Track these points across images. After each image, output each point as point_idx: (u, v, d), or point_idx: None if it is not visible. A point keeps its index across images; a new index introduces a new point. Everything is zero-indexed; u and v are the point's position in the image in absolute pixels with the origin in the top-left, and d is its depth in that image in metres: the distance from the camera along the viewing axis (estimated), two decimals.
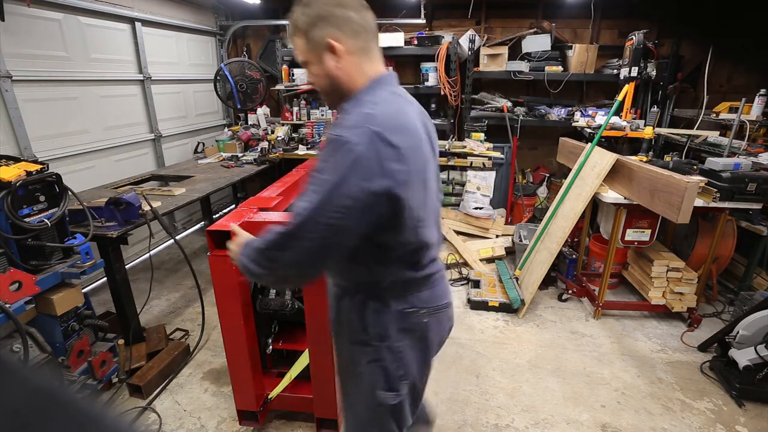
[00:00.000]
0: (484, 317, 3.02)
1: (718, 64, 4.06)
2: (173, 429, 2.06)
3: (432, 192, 1.11)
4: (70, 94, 3.03)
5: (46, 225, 1.76)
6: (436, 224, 1.18)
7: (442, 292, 1.19)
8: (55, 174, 1.84)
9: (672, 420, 2.13)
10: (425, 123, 1.10)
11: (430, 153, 1.10)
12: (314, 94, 4.92)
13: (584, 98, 4.67)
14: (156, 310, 3.08)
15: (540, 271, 3.00)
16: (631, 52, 3.62)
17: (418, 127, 1.02)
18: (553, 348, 2.69)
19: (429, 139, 1.10)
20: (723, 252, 3.02)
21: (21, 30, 2.65)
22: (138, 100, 3.73)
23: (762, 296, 2.52)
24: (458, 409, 2.19)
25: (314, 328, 1.74)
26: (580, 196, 2.92)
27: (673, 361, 2.57)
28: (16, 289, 1.61)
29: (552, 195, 4.48)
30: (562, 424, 2.10)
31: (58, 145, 2.94)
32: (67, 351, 1.87)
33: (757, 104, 3.21)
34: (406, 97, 1.08)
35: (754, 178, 2.46)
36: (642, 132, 3.46)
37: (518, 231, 3.71)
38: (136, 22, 3.59)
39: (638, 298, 3.18)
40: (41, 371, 1.62)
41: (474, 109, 4.45)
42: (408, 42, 4.42)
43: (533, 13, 4.56)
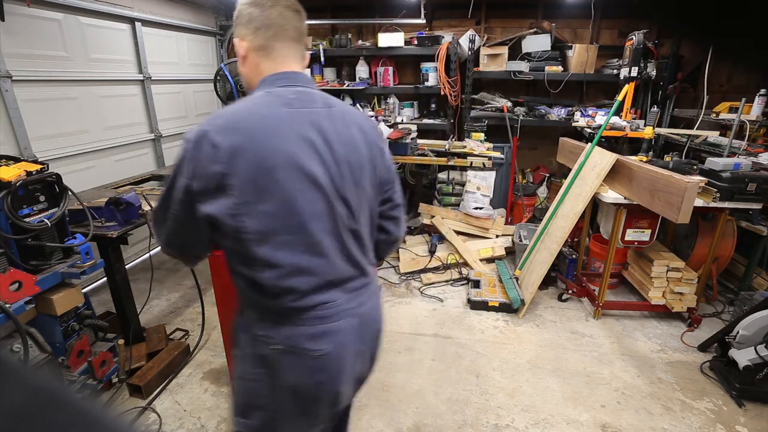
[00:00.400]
0: (484, 317, 3.02)
1: (718, 64, 4.06)
2: (173, 429, 2.06)
3: (303, 205, 0.93)
4: (70, 94, 3.03)
5: (46, 225, 1.76)
6: (314, 248, 0.95)
7: (317, 336, 0.98)
8: (55, 174, 1.83)
9: (672, 420, 2.13)
10: (320, 127, 0.96)
11: (300, 160, 0.92)
12: None
13: (584, 98, 4.67)
14: (156, 310, 3.08)
15: (540, 271, 3.00)
16: (631, 52, 3.62)
17: (274, 129, 0.92)
18: (553, 348, 2.69)
19: (312, 144, 0.94)
20: (723, 252, 3.02)
21: (21, 30, 2.65)
22: (138, 100, 3.73)
23: (762, 296, 2.52)
24: (458, 409, 2.19)
25: None
26: (580, 196, 2.92)
27: (673, 361, 2.57)
28: (16, 289, 1.60)
29: (552, 195, 4.48)
30: (562, 424, 2.10)
31: (58, 145, 2.94)
32: (67, 351, 1.87)
33: (757, 104, 3.21)
34: (287, 96, 0.96)
35: (754, 178, 2.46)
36: (642, 132, 3.46)
37: (518, 231, 3.71)
38: (136, 22, 3.58)
39: (638, 298, 3.18)
40: (41, 371, 1.63)
41: (474, 109, 4.45)
42: (408, 42, 4.43)
43: (533, 13, 4.55)
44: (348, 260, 1.03)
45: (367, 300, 1.09)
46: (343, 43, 4.61)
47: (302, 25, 1.04)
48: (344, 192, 0.99)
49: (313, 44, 4.74)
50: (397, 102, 4.70)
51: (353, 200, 1.01)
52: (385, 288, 3.41)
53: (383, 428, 2.08)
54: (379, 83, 4.72)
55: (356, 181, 1.01)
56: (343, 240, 1.00)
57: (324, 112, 0.99)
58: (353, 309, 1.04)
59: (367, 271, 1.09)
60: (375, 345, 1.17)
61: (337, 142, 0.98)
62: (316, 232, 0.95)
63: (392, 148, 3.66)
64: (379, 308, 1.16)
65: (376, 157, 1.06)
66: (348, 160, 0.99)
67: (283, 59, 1.01)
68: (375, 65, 4.71)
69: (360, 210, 1.04)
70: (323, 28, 4.99)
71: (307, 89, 1.01)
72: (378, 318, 1.16)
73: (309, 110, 0.97)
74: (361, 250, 1.07)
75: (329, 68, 4.86)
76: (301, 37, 1.05)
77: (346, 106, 1.06)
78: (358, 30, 4.96)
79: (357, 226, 1.04)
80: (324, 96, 1.03)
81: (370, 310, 1.10)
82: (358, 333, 1.05)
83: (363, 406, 2.20)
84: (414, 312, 3.09)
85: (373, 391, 2.30)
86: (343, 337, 1.02)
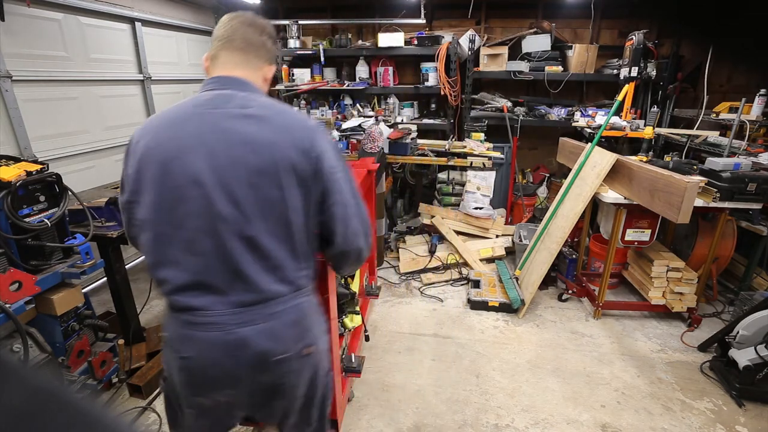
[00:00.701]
0: (484, 317, 3.02)
1: (718, 64, 4.06)
2: None
3: (181, 201, 0.96)
4: (70, 94, 3.03)
5: (46, 225, 1.76)
6: (188, 246, 0.98)
7: (184, 339, 1.02)
8: (55, 174, 1.83)
9: (672, 420, 2.13)
10: (221, 128, 0.98)
11: (206, 151, 0.96)
12: (314, 94, 4.93)
13: (584, 98, 4.67)
14: (156, 310, 3.08)
15: (540, 271, 3.00)
16: (631, 52, 3.62)
17: (173, 127, 0.99)
18: (553, 348, 2.69)
19: (205, 143, 0.97)
20: (723, 252, 3.02)
21: (21, 30, 2.65)
22: (138, 100, 3.73)
23: (762, 296, 2.52)
24: (458, 409, 2.19)
25: None
26: (580, 196, 2.92)
27: (673, 361, 2.57)
28: (16, 289, 1.60)
29: (552, 195, 4.48)
30: (562, 424, 2.10)
31: (58, 145, 2.94)
32: (67, 351, 1.87)
33: (757, 104, 3.21)
34: (203, 98, 1.02)
35: (754, 178, 2.46)
36: (642, 132, 3.47)
37: (518, 231, 3.71)
38: (136, 22, 3.58)
39: (638, 298, 3.18)
40: (41, 371, 1.62)
41: (474, 109, 4.45)
42: (408, 42, 4.43)
43: (533, 13, 4.56)
44: (231, 269, 0.98)
45: (259, 321, 1.01)
46: (343, 43, 4.61)
47: (254, 36, 1.09)
48: (233, 194, 0.96)
49: (313, 44, 4.74)
50: (397, 102, 4.70)
51: (246, 204, 0.97)
52: (385, 288, 3.41)
53: (383, 428, 2.08)
54: (379, 83, 4.72)
55: (254, 184, 0.97)
56: (224, 244, 0.97)
57: (235, 112, 0.99)
58: (231, 326, 0.99)
59: (265, 288, 1.00)
60: (260, 375, 1.05)
61: (238, 142, 0.97)
62: (191, 230, 0.97)
63: (392, 148, 3.66)
64: (276, 334, 1.03)
65: (299, 163, 0.99)
66: (246, 161, 0.96)
67: (223, 65, 1.08)
68: (375, 65, 4.71)
69: (260, 217, 0.98)
70: (323, 28, 4.99)
71: (230, 92, 1.03)
72: (269, 346, 1.02)
73: (218, 111, 1.00)
74: (260, 263, 1.00)
75: (329, 68, 4.86)
76: (249, 46, 1.09)
77: (271, 109, 1.03)
78: (358, 30, 4.96)
79: (252, 233, 0.98)
80: (248, 99, 1.03)
81: (257, 333, 1.01)
82: (228, 353, 1.01)
83: (363, 406, 2.21)
84: (414, 312, 3.09)
85: (373, 391, 2.30)
86: (207, 351, 1.01)
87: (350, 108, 4.66)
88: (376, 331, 2.84)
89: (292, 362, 1.07)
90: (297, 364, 1.09)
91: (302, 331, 1.09)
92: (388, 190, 4.20)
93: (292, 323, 1.06)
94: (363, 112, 4.54)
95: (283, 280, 1.03)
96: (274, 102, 1.07)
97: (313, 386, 1.16)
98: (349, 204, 1.08)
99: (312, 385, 1.16)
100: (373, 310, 3.09)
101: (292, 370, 1.08)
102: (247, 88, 1.07)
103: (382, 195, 3.38)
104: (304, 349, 1.09)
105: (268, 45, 1.13)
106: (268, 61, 1.14)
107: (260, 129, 0.98)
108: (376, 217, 2.96)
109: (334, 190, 1.05)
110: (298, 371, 1.10)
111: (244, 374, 1.04)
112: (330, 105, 4.85)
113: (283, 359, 1.05)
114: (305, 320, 1.10)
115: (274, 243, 1.01)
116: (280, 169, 0.98)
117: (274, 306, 1.03)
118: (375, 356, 2.59)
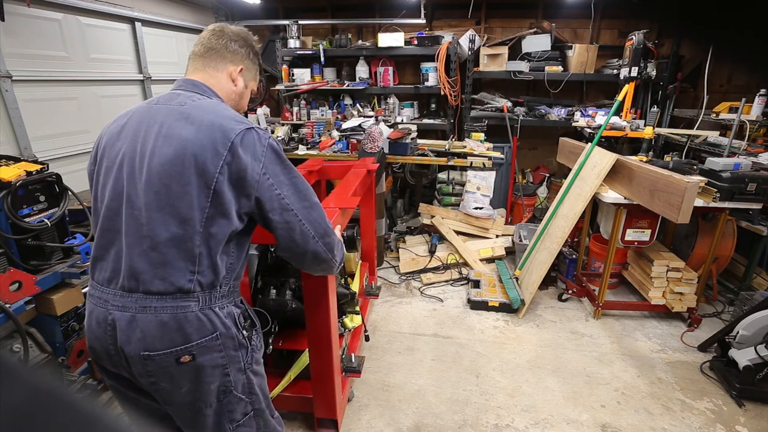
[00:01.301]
0: (484, 317, 3.02)
1: (718, 64, 4.06)
2: None
3: (106, 181, 1.06)
4: (70, 94, 3.03)
5: (46, 225, 1.76)
6: (103, 222, 1.05)
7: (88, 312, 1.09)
8: (55, 174, 1.83)
9: (672, 420, 2.13)
10: (156, 121, 1.04)
11: (135, 137, 1.04)
12: (314, 94, 4.93)
13: (584, 98, 4.67)
14: None
15: (540, 271, 3.00)
16: (631, 52, 3.62)
17: (124, 120, 1.11)
18: (553, 348, 2.69)
19: (137, 135, 1.05)
20: (723, 252, 3.02)
21: (21, 30, 2.65)
22: (138, 100, 3.73)
23: (762, 296, 2.52)
24: (458, 409, 2.19)
25: (314, 328, 1.74)
26: (580, 196, 2.92)
27: (673, 361, 2.57)
28: (16, 289, 1.60)
29: (552, 195, 4.48)
30: (562, 424, 2.10)
31: (58, 145, 2.94)
32: (67, 351, 1.87)
33: (757, 104, 3.21)
34: (159, 96, 1.14)
35: (754, 178, 2.46)
36: (642, 132, 3.47)
37: (518, 231, 3.71)
38: (136, 22, 3.59)
39: (638, 298, 3.18)
40: (41, 371, 1.63)
41: (474, 109, 4.45)
42: (408, 42, 4.43)
43: (533, 13, 4.56)
44: (126, 252, 1.01)
45: (131, 310, 1.01)
46: (343, 43, 4.61)
47: (215, 41, 1.18)
48: (141, 180, 1.01)
49: (313, 44, 4.74)
50: (397, 102, 4.70)
51: (148, 193, 0.99)
52: (385, 288, 3.41)
53: (383, 428, 2.08)
54: (379, 83, 4.72)
55: (161, 175, 0.99)
56: (123, 225, 1.02)
57: (172, 109, 1.06)
58: (111, 306, 1.03)
59: (146, 279, 0.99)
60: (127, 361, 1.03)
61: (161, 135, 1.02)
62: (107, 207, 1.05)
63: (392, 148, 3.66)
64: (144, 329, 1.00)
65: (210, 167, 0.99)
66: (160, 153, 1.00)
67: (189, 70, 1.21)
68: (375, 65, 4.71)
69: (155, 208, 0.99)
70: (323, 28, 4.99)
71: (180, 92, 1.13)
72: (135, 336, 1.01)
73: (160, 106, 1.08)
74: (148, 254, 0.99)
75: (329, 68, 4.86)
76: (209, 51, 1.18)
77: (201, 110, 1.05)
78: (358, 30, 4.96)
79: (146, 222, 0.99)
80: (191, 97, 1.10)
81: (127, 321, 1.01)
82: (104, 332, 1.04)
83: (363, 406, 2.21)
84: (414, 312, 3.09)
85: (373, 391, 2.31)
86: (93, 324, 1.06)
87: (350, 108, 4.66)
88: (376, 331, 2.84)
89: (159, 362, 1.03)
90: (168, 366, 1.03)
91: (176, 336, 1.02)
92: (388, 190, 4.20)
93: (160, 324, 1.01)
94: (363, 112, 4.54)
95: (165, 278, 1.00)
96: (212, 104, 1.10)
97: (201, 399, 1.09)
98: (289, 209, 1.08)
99: (200, 398, 1.08)
100: (373, 310, 3.09)
101: (161, 371, 1.03)
102: (196, 89, 1.15)
103: (382, 195, 3.38)
104: (180, 355, 1.03)
105: (231, 47, 1.20)
106: (232, 61, 1.21)
107: (183, 126, 1.02)
108: (376, 217, 2.96)
109: (267, 197, 1.05)
110: (171, 375, 1.04)
111: (114, 354, 1.05)
112: (330, 105, 4.85)
113: (147, 356, 1.02)
114: (184, 327, 1.02)
115: (165, 237, 0.99)
116: (185, 167, 0.99)
117: (151, 301, 1.01)
118: (375, 356, 2.59)
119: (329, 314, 1.69)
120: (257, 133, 1.05)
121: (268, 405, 1.25)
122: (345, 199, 2.00)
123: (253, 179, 1.02)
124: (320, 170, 2.87)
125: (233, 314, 1.11)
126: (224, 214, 1.02)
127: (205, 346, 1.05)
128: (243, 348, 1.13)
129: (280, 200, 1.07)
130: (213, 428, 1.14)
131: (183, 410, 1.11)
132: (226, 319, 1.08)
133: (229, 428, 1.15)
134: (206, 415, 1.11)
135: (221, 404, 1.12)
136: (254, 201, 1.05)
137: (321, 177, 2.95)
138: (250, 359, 1.15)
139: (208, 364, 1.06)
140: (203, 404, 1.10)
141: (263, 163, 1.04)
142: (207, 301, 1.05)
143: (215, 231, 1.02)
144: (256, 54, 1.28)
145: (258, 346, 1.20)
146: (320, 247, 1.16)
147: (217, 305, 1.07)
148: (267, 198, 1.05)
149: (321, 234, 1.15)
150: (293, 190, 1.09)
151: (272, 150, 1.06)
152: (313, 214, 1.13)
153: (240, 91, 1.24)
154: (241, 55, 1.22)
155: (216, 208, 1.01)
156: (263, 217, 1.08)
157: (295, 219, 1.09)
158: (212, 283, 1.05)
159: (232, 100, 1.23)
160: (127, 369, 1.06)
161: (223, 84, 1.20)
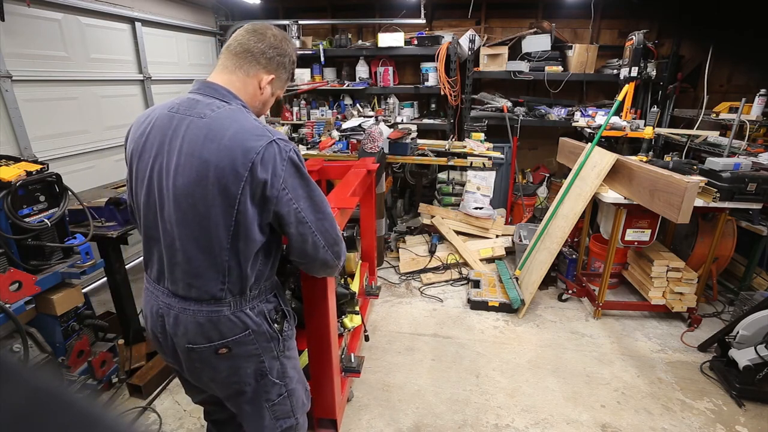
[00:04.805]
0: (484, 317, 3.02)
1: (718, 64, 4.06)
2: (173, 429, 2.06)
3: (146, 187, 1.10)
4: (70, 94, 3.03)
5: (46, 225, 1.76)
6: (150, 225, 1.12)
7: (146, 302, 1.24)
8: (55, 174, 1.83)
9: (672, 420, 2.13)
10: (178, 134, 1.05)
11: (159, 151, 1.07)
12: (314, 94, 4.93)
13: (584, 98, 4.67)
14: None
15: (540, 271, 3.00)
16: (631, 52, 3.62)
17: (146, 126, 1.11)
18: (553, 348, 2.69)
19: (162, 147, 1.07)
20: (723, 252, 3.02)
21: (21, 30, 2.65)
22: (138, 100, 3.73)
23: (762, 296, 2.52)
24: (458, 409, 2.19)
25: (314, 328, 1.74)
26: (580, 196, 2.92)
27: (673, 361, 2.57)
28: (16, 289, 1.60)
29: (552, 195, 4.48)
30: (562, 424, 2.10)
31: (58, 145, 2.94)
32: (67, 351, 1.87)
33: (757, 104, 3.21)
34: (178, 102, 1.11)
35: (754, 178, 2.46)
36: (642, 132, 3.47)
37: (518, 231, 3.71)
38: (136, 22, 3.58)
39: (638, 298, 3.18)
40: (41, 371, 1.62)
41: (474, 109, 4.45)
42: (408, 42, 4.43)
43: (533, 13, 4.56)
44: (167, 260, 1.12)
45: (174, 307, 1.14)
46: (343, 43, 4.61)
47: (253, 43, 1.12)
48: (170, 198, 1.05)
49: (313, 44, 4.74)
50: (397, 102, 4.70)
51: (178, 211, 1.05)
52: (385, 288, 3.41)
53: (383, 428, 2.08)
54: (379, 83, 4.72)
55: (189, 194, 1.03)
56: (161, 239, 1.11)
57: (194, 122, 1.05)
58: (161, 301, 1.16)
59: (182, 294, 1.12)
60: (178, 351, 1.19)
61: (183, 154, 1.03)
62: (147, 218, 1.13)
63: (392, 148, 3.66)
64: (187, 326, 1.14)
65: (232, 185, 1.01)
66: (185, 172, 1.03)
67: (217, 69, 1.16)
68: (375, 65, 4.71)
69: (183, 224, 1.05)
70: (323, 28, 4.99)
71: (199, 98, 1.09)
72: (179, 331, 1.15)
73: (181, 116, 1.07)
74: (182, 266, 1.09)
75: (329, 68, 4.86)
76: (245, 52, 1.12)
77: (222, 122, 1.03)
78: (358, 30, 4.96)
79: (177, 237, 1.07)
80: (210, 106, 1.07)
81: (174, 318, 1.14)
82: (156, 321, 1.19)
83: (363, 406, 2.21)
84: (414, 312, 3.09)
85: (373, 391, 2.31)
86: (149, 313, 1.22)
87: (350, 108, 4.66)
88: (376, 331, 2.84)
89: (200, 353, 1.16)
90: (209, 356, 1.16)
91: (213, 333, 1.14)
92: (388, 190, 4.20)
93: (198, 324, 1.13)
94: (363, 112, 4.54)
95: (199, 287, 1.10)
96: (232, 114, 1.06)
97: (240, 381, 1.22)
98: (305, 221, 1.11)
99: (239, 380, 1.21)
100: (373, 310, 3.09)
101: (203, 360, 1.17)
102: (216, 93, 1.10)
103: (382, 195, 3.38)
104: (218, 348, 1.15)
105: (269, 54, 1.14)
106: (266, 69, 1.15)
107: (203, 145, 1.01)
108: (376, 217, 2.96)
109: (285, 211, 1.07)
110: (212, 363, 1.18)
111: (163, 342, 1.20)
112: (330, 105, 4.85)
113: (191, 348, 1.15)
114: (219, 327, 1.14)
115: (196, 252, 1.07)
116: (209, 189, 1.02)
117: (189, 304, 1.13)
118: (375, 356, 2.59)
119: (329, 314, 1.69)
120: (278, 145, 1.04)
121: (299, 380, 1.37)
122: (344, 199, 2.00)
123: (272, 195, 1.04)
124: (320, 170, 2.87)
125: (264, 312, 1.20)
126: (249, 229, 1.07)
127: (239, 341, 1.16)
128: (275, 339, 1.23)
129: (297, 214, 1.09)
130: (251, 407, 1.27)
131: (226, 389, 1.24)
132: (257, 317, 1.18)
133: (266, 407, 1.28)
134: (246, 393, 1.24)
135: (258, 385, 1.24)
136: (273, 214, 1.08)
137: (321, 177, 2.95)
138: (282, 347, 1.26)
139: (244, 354, 1.18)
140: (243, 384, 1.22)
141: (283, 178, 1.05)
142: (238, 305, 1.14)
143: (242, 247, 1.08)
144: (293, 63, 1.23)
145: (290, 335, 1.31)
146: (329, 255, 1.20)
147: (247, 307, 1.16)
148: (285, 212, 1.08)
149: (331, 243, 1.19)
150: (309, 203, 1.11)
151: (292, 164, 1.06)
152: (325, 224, 1.16)
153: (266, 99, 1.20)
154: (276, 63, 1.16)
155: (240, 224, 1.05)
156: (279, 227, 1.13)
157: (309, 231, 1.13)
158: (242, 290, 1.14)
159: (255, 107, 1.19)
160: (173, 355, 1.20)
161: (250, 90, 1.15)
